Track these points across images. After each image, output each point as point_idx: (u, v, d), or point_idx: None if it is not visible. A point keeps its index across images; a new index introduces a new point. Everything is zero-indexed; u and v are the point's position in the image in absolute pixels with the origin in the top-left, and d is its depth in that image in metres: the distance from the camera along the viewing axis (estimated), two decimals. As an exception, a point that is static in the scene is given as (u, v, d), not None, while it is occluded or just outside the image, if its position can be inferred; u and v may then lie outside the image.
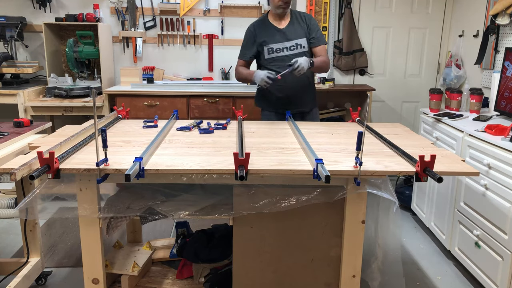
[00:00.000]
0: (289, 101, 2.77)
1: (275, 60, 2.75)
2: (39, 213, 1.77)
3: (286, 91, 2.75)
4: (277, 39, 2.74)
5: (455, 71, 3.73)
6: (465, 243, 2.60)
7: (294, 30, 2.75)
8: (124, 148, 1.90)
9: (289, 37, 2.74)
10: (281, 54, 2.73)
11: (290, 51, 2.73)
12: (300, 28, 2.76)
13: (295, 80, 2.68)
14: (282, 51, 2.74)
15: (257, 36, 2.77)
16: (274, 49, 2.74)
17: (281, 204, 1.77)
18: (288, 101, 2.77)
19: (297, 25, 2.76)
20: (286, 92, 2.76)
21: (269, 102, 2.84)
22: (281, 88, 2.73)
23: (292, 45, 2.73)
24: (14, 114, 3.45)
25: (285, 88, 2.74)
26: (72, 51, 3.70)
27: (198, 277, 2.26)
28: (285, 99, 2.77)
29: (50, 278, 2.57)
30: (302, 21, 2.77)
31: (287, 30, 2.74)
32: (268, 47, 2.74)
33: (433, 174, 1.55)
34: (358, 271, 1.89)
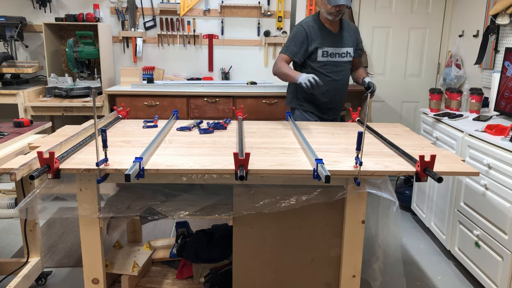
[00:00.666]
0: (327, 109, 2.84)
1: (326, 64, 2.74)
2: (39, 213, 1.77)
3: (328, 96, 2.80)
4: (332, 43, 2.73)
5: (455, 71, 3.73)
6: (465, 243, 2.60)
7: (347, 37, 2.77)
8: (124, 148, 1.90)
9: (343, 44, 2.76)
10: (333, 59, 2.74)
11: (341, 58, 2.76)
12: (349, 36, 2.79)
13: (337, 89, 2.79)
14: (335, 56, 2.74)
15: (310, 37, 2.70)
16: (328, 52, 2.72)
17: (281, 204, 1.77)
18: (326, 109, 2.84)
19: (347, 33, 2.79)
20: (328, 97, 2.80)
21: (308, 103, 2.84)
22: (325, 92, 2.76)
23: (343, 52, 2.76)
24: (14, 114, 3.45)
25: (328, 95, 2.79)
26: (72, 51, 3.69)
27: (198, 277, 2.26)
28: (325, 106, 2.83)
29: (50, 278, 2.57)
30: (352, 31, 2.82)
31: (341, 36, 2.76)
32: (323, 50, 2.71)
33: (433, 174, 1.55)
34: (358, 271, 1.89)
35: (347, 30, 2.79)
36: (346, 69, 2.83)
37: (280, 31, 4.08)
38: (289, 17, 4.06)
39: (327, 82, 2.72)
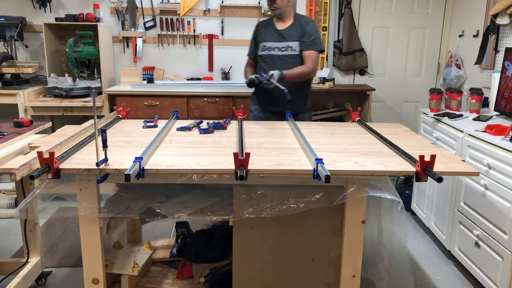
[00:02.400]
0: (271, 101, 2.80)
1: (265, 58, 2.83)
2: (39, 213, 1.77)
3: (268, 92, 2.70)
4: (272, 38, 2.82)
5: (455, 71, 3.73)
6: (465, 243, 2.60)
7: (291, 32, 2.80)
8: (124, 148, 1.90)
9: (283, 38, 2.80)
10: (271, 53, 2.80)
11: (281, 52, 2.80)
12: (296, 31, 2.80)
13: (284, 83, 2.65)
14: (273, 50, 2.80)
15: (257, 34, 2.90)
16: (267, 46, 2.82)
17: (282, 207, 1.77)
18: (270, 101, 2.81)
19: (295, 28, 2.81)
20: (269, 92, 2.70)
21: (257, 99, 2.93)
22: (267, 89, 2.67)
23: (284, 46, 2.79)
24: (14, 114, 3.45)
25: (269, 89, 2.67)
26: (72, 51, 3.69)
27: (198, 277, 2.26)
28: (269, 99, 2.81)
29: (50, 278, 2.57)
30: (300, 25, 2.81)
31: (283, 32, 2.81)
32: (262, 44, 2.84)
33: (433, 174, 1.55)
34: (358, 271, 1.88)
35: (297, 26, 2.81)
36: (289, 63, 2.76)
37: (280, 31, 4.08)
38: (289, 17, 4.06)
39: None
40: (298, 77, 2.68)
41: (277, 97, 2.68)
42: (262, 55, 2.84)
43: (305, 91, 2.87)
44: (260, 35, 2.88)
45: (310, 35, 2.79)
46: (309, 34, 2.78)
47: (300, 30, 2.80)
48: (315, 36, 2.80)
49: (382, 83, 4.22)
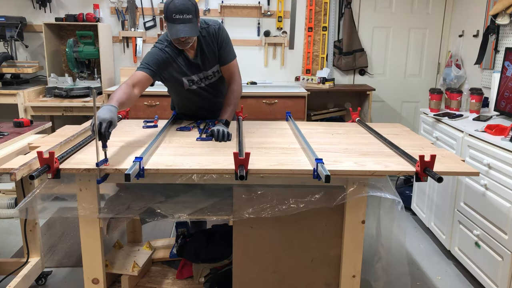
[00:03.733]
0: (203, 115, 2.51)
1: (194, 91, 2.41)
2: (39, 213, 1.77)
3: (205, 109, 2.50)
4: (194, 70, 2.34)
5: (455, 71, 3.73)
6: (465, 243, 2.60)
7: (207, 59, 2.33)
8: (124, 148, 1.90)
9: (205, 68, 2.35)
10: (201, 85, 2.39)
11: (208, 81, 2.40)
12: (211, 54, 2.33)
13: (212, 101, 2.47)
14: (202, 81, 2.38)
15: (173, 62, 2.28)
16: (195, 80, 2.36)
17: (282, 208, 1.76)
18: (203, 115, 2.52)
19: (208, 51, 2.32)
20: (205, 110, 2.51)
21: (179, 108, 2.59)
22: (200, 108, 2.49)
23: (209, 75, 2.38)
24: (14, 114, 3.45)
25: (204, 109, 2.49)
26: (72, 51, 3.69)
27: (198, 277, 2.26)
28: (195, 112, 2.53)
29: (50, 278, 2.57)
30: (211, 43, 2.32)
31: (199, 61, 2.32)
32: (188, 79, 2.34)
33: (433, 174, 1.55)
34: (358, 271, 1.88)
35: (206, 46, 2.31)
36: (220, 86, 2.48)
37: (280, 31, 4.08)
38: (289, 17, 4.06)
39: (197, 99, 2.46)
40: (236, 106, 2.39)
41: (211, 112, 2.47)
42: (191, 90, 2.39)
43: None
44: (178, 65, 2.29)
45: (223, 48, 2.36)
46: (223, 47, 2.36)
47: (212, 49, 2.33)
48: (228, 45, 2.39)
49: (382, 83, 4.22)
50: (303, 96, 3.56)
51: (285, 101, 3.58)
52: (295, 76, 4.15)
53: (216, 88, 2.46)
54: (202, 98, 2.44)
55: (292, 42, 4.12)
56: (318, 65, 4.17)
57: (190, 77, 2.35)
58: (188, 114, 2.56)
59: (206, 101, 2.48)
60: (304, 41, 4.13)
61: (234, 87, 2.40)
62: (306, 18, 4.07)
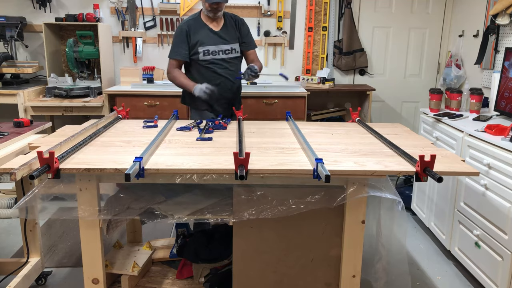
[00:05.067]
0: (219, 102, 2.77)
1: (211, 63, 2.70)
2: (39, 213, 1.77)
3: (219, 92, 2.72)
4: (213, 41, 2.69)
5: (455, 71, 3.73)
6: (465, 243, 2.60)
7: (229, 34, 2.74)
8: (124, 148, 1.90)
9: (225, 41, 2.72)
10: (217, 57, 2.70)
11: (225, 55, 2.72)
12: (233, 32, 2.76)
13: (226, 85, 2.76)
14: (218, 54, 2.70)
15: (191, 36, 2.68)
16: (210, 51, 2.68)
17: (282, 208, 1.76)
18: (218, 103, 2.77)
19: (231, 29, 2.76)
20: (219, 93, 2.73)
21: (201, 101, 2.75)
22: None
23: (228, 49, 2.72)
24: (14, 114, 3.45)
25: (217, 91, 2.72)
26: (72, 51, 3.69)
27: (198, 277, 2.26)
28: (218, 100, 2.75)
29: (50, 278, 2.57)
30: (235, 26, 2.77)
31: (222, 33, 2.72)
32: (204, 49, 2.67)
33: (433, 174, 1.55)
34: (358, 271, 1.88)
35: (230, 25, 2.75)
36: (233, 65, 2.78)
37: (280, 31, 4.08)
38: (289, 17, 4.06)
39: (214, 79, 2.71)
40: (260, 68, 2.81)
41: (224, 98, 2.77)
42: (206, 60, 2.69)
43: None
44: (196, 37, 2.68)
45: (247, 35, 2.81)
46: (246, 34, 2.81)
47: (236, 31, 2.77)
48: (250, 35, 2.85)
49: (382, 83, 4.22)
50: (303, 96, 3.56)
51: (285, 101, 3.58)
52: (295, 76, 4.15)
53: (231, 66, 2.75)
54: (217, 74, 2.72)
55: (292, 42, 4.12)
56: (318, 65, 4.17)
57: (207, 48, 2.68)
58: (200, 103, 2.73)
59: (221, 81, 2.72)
60: (304, 41, 4.13)
61: (259, 63, 2.83)
62: (306, 18, 4.07)
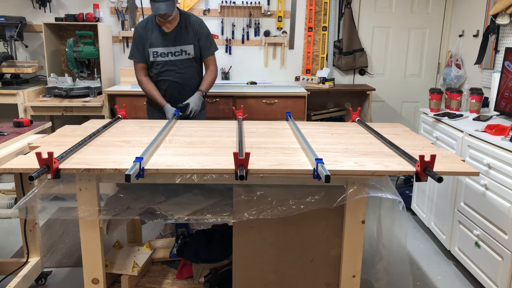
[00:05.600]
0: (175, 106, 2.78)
1: (158, 64, 2.73)
2: (39, 213, 1.77)
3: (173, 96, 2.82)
4: (162, 42, 2.70)
5: (455, 71, 3.73)
6: (465, 243, 2.60)
7: (181, 35, 2.71)
8: (124, 148, 1.90)
9: (175, 42, 2.70)
10: (165, 59, 2.71)
11: (174, 57, 2.71)
12: (187, 34, 2.72)
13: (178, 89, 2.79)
14: (166, 55, 2.70)
15: (144, 37, 2.73)
16: (158, 53, 2.70)
17: (282, 209, 1.76)
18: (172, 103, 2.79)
19: (185, 30, 2.73)
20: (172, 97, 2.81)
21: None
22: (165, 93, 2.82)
23: (177, 51, 2.70)
24: (14, 114, 3.45)
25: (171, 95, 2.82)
26: (72, 51, 3.69)
27: (198, 277, 2.26)
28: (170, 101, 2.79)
29: (50, 278, 2.56)
30: (190, 27, 2.74)
31: (172, 35, 2.71)
32: (153, 50, 2.70)
33: (433, 174, 1.55)
34: (358, 271, 1.88)
35: (186, 26, 2.72)
36: (185, 67, 2.77)
37: (280, 31, 4.08)
38: (289, 17, 4.06)
39: (164, 83, 2.77)
40: (210, 85, 2.89)
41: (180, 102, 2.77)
42: (154, 62, 2.72)
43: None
44: (147, 39, 2.71)
45: (206, 38, 2.78)
46: (206, 38, 2.78)
47: (192, 33, 2.73)
48: (211, 38, 2.82)
49: (382, 83, 4.22)
50: (303, 96, 3.56)
51: (285, 101, 3.58)
52: (295, 76, 4.15)
53: (181, 68, 2.75)
54: (166, 76, 2.77)
55: (292, 42, 4.12)
56: (318, 65, 4.17)
57: (156, 49, 2.71)
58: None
59: (169, 84, 2.78)
60: (304, 41, 4.13)
61: (211, 72, 2.88)
62: (306, 18, 4.07)
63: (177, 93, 2.79)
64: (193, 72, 2.83)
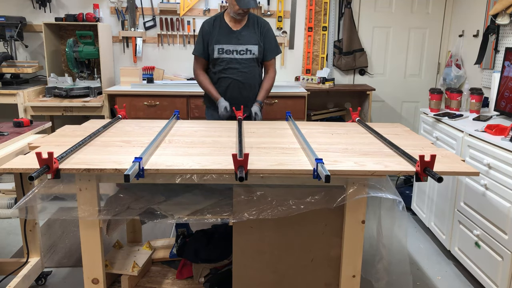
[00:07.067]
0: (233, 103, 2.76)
1: (223, 61, 2.75)
2: (39, 213, 1.77)
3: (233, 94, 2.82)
4: (229, 40, 2.73)
5: (455, 71, 3.73)
6: (465, 243, 2.60)
7: (248, 34, 2.75)
8: (124, 148, 1.90)
9: (241, 41, 2.73)
10: (230, 56, 2.74)
11: (239, 55, 2.74)
12: (254, 34, 2.75)
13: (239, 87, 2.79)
14: (231, 53, 2.73)
15: (210, 34, 2.76)
16: (224, 49, 2.73)
17: (282, 209, 1.76)
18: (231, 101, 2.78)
19: (252, 30, 2.76)
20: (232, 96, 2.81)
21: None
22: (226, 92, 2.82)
23: (243, 50, 2.73)
24: (14, 114, 3.45)
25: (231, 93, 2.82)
26: (72, 51, 3.69)
27: (198, 277, 2.26)
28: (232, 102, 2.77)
29: (50, 278, 2.56)
30: (257, 28, 2.77)
31: (240, 34, 2.74)
32: (218, 47, 2.73)
33: (433, 174, 1.55)
34: (358, 271, 1.88)
35: (254, 27, 2.76)
36: (248, 67, 2.78)
37: (280, 31, 4.08)
38: (289, 17, 4.07)
39: (226, 80, 2.77)
40: (269, 91, 2.86)
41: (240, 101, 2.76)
42: (218, 58, 2.75)
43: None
44: (213, 36, 2.75)
45: (272, 40, 2.81)
46: (272, 40, 2.81)
47: (258, 33, 2.76)
48: (276, 41, 2.85)
49: (382, 83, 4.22)
50: (303, 96, 3.56)
51: (285, 101, 3.57)
52: (295, 76, 4.15)
53: (244, 67, 2.77)
54: (228, 74, 2.76)
55: (292, 42, 4.12)
56: (318, 65, 4.17)
57: (221, 46, 2.73)
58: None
59: (231, 82, 2.77)
60: (304, 41, 4.13)
61: (269, 78, 2.88)
62: (306, 18, 4.07)
63: (238, 92, 2.80)
64: (255, 72, 2.84)
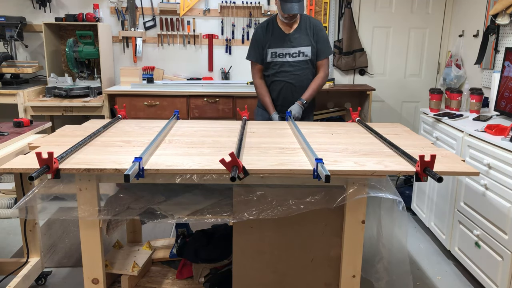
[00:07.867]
0: (285, 105, 2.81)
1: (276, 65, 2.76)
2: (39, 213, 1.77)
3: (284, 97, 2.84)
4: (281, 43, 2.74)
5: (455, 71, 3.73)
6: (465, 243, 2.60)
7: (300, 37, 2.75)
8: (124, 148, 1.90)
9: (293, 44, 2.74)
10: (283, 60, 2.75)
11: (292, 58, 2.75)
12: (306, 36, 2.76)
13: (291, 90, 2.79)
14: (284, 56, 2.74)
15: (263, 39, 2.78)
16: (277, 53, 2.74)
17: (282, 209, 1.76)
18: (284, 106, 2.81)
19: (304, 31, 2.76)
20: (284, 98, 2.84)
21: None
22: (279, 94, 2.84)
23: (295, 52, 2.74)
24: (14, 114, 3.45)
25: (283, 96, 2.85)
26: (72, 51, 3.69)
27: (198, 277, 2.26)
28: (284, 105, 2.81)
29: (50, 278, 2.56)
30: (309, 29, 2.77)
31: (293, 36, 2.75)
32: (271, 51, 2.75)
33: (433, 174, 1.55)
34: (358, 271, 1.88)
35: (306, 29, 2.76)
36: (301, 69, 2.79)
37: (280, 31, 4.08)
38: (289, 17, 4.06)
39: (279, 84, 2.79)
40: (317, 90, 2.81)
41: (292, 103, 2.78)
42: (271, 62, 2.76)
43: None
44: (266, 40, 2.76)
45: (322, 41, 2.80)
46: (324, 40, 2.80)
47: (311, 34, 2.76)
48: (328, 41, 2.84)
49: (382, 83, 4.22)
50: (303, 96, 3.56)
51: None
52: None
53: (297, 70, 2.75)
54: (285, 79, 2.78)
55: (292, 42, 4.11)
56: (318, 65, 4.17)
57: (274, 50, 2.75)
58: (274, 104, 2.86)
59: (284, 85, 2.79)
60: (304, 41, 4.12)
61: (319, 78, 2.84)
62: (306, 18, 4.07)
63: (291, 95, 2.80)
64: (308, 74, 2.83)
